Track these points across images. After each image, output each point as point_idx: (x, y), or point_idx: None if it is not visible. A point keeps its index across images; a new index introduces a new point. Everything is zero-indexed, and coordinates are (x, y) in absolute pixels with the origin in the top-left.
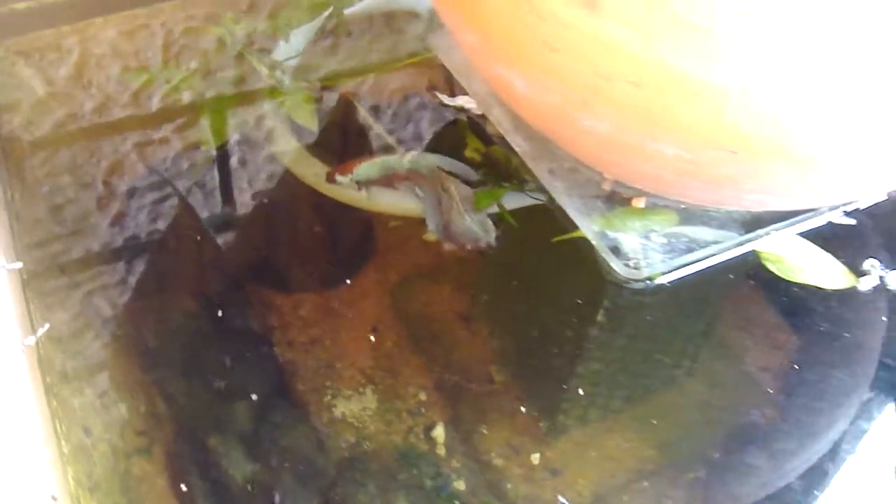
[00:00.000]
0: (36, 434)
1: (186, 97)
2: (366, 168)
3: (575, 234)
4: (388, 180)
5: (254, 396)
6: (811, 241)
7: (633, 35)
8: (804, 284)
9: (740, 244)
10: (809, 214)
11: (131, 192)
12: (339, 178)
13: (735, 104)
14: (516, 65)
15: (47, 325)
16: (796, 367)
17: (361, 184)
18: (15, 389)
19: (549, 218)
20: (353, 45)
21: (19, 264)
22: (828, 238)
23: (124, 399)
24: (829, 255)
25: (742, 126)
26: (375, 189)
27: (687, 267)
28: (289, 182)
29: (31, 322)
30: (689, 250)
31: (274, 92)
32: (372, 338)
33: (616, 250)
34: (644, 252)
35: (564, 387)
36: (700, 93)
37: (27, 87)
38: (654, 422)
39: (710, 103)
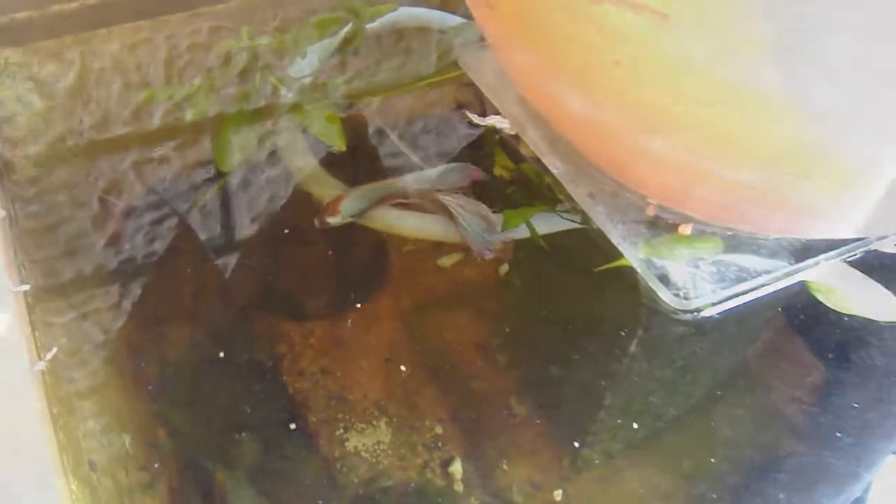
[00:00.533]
0: (47, 469)
1: (210, 113)
2: (351, 203)
3: (619, 263)
4: (383, 202)
5: (262, 429)
6: (860, 270)
7: (711, 51)
8: (855, 316)
9: (790, 274)
10: (859, 243)
11: (134, 213)
12: (330, 220)
13: (819, 127)
14: (575, 83)
15: (55, 349)
16: (855, 405)
17: (355, 217)
18: (25, 420)
19: (581, 241)
20: (373, 62)
21: (26, 286)
22: (875, 268)
23: (128, 431)
24: (879, 286)
25: (822, 149)
26: (397, 212)
27: (738, 297)
28: (300, 203)
29: (36, 347)
30: (740, 280)
31: (295, 109)
32: (386, 368)
33: (664, 279)
34: (693, 281)
35: (589, 420)
36: (781, 114)
37: (25, 101)
38: (684, 457)
39: (791, 125)
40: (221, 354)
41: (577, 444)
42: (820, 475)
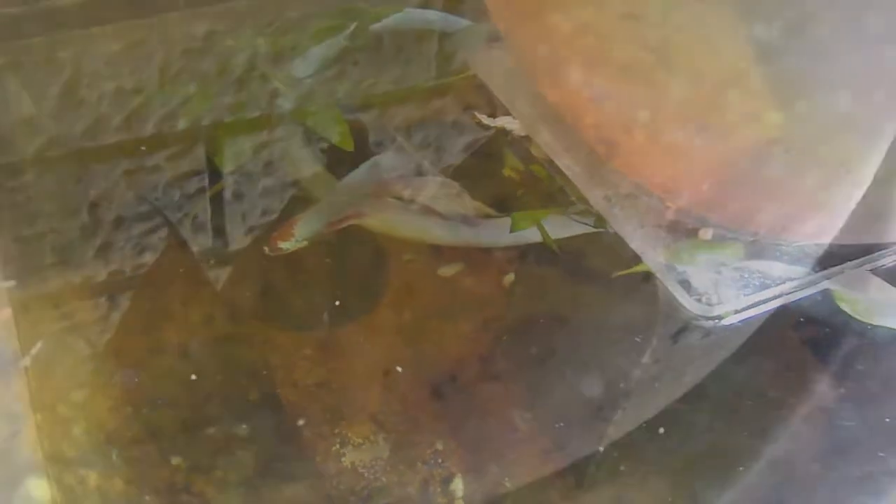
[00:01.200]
0: (30, 480)
1: (206, 116)
2: (306, 224)
3: (637, 269)
4: (341, 222)
5: (254, 443)
6: (886, 280)
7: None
8: (881, 326)
9: (815, 282)
10: (885, 251)
11: (126, 222)
12: (283, 245)
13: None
14: (604, 77)
15: (39, 344)
16: (887, 419)
17: (310, 240)
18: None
19: (593, 245)
20: (377, 65)
21: (11, 282)
22: None
23: (115, 444)
24: None
25: (861, 145)
26: (403, 215)
27: (762, 305)
28: (299, 209)
29: (20, 347)
30: (764, 286)
31: (297, 112)
32: (384, 380)
33: (686, 284)
34: (715, 287)
35: (598, 435)
36: (827, 104)
37: (14, 103)
38: (703, 473)
39: (836, 115)
40: (212, 366)
41: (584, 461)
42: (853, 490)
